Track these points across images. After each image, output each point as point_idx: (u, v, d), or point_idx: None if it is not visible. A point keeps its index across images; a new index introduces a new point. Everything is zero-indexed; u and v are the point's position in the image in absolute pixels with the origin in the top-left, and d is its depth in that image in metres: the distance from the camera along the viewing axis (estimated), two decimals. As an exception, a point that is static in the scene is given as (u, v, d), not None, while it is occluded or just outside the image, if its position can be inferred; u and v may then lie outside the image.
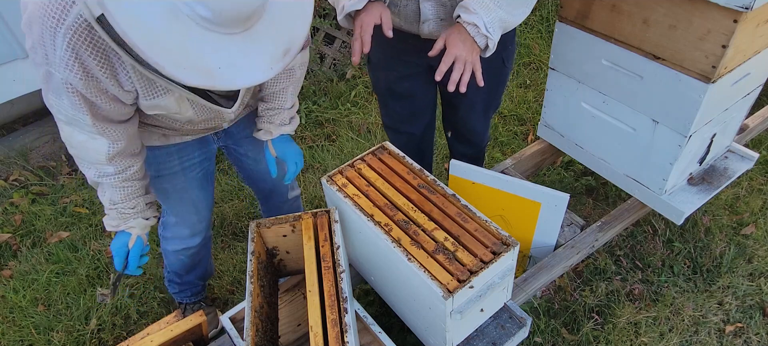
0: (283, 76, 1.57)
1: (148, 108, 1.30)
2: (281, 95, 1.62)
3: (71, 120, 1.24)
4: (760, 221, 2.51)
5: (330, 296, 1.40)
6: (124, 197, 1.44)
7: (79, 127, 1.25)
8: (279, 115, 1.65)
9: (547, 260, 2.01)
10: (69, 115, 1.22)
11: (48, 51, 1.08)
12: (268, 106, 1.64)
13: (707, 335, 2.11)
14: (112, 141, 1.31)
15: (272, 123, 1.66)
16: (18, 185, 3.01)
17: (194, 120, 1.47)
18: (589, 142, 2.19)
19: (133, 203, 1.47)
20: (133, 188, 1.45)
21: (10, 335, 2.26)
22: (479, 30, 1.50)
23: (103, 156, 1.33)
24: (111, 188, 1.41)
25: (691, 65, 1.65)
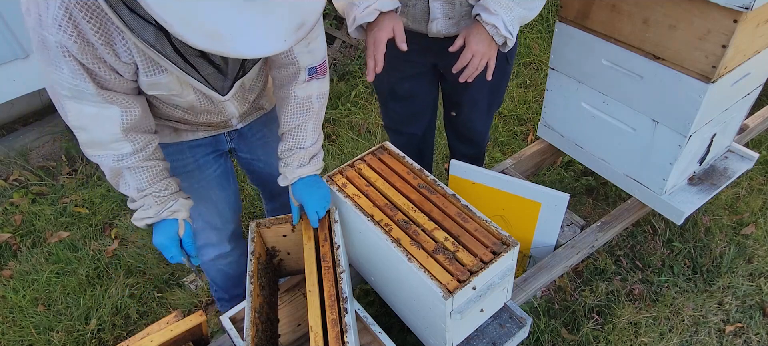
0: (299, 109, 1.46)
1: (148, 86, 1.22)
2: (299, 132, 1.49)
3: (75, 92, 1.13)
4: (760, 221, 2.51)
5: (330, 296, 1.40)
6: (151, 178, 1.32)
7: (85, 99, 1.15)
8: (296, 156, 1.51)
9: (547, 260, 2.01)
10: (71, 85, 1.12)
11: (41, 10, 1.02)
12: (286, 145, 1.52)
13: (707, 335, 2.11)
14: (124, 108, 1.21)
15: (289, 166, 1.53)
16: (18, 185, 3.01)
17: (196, 107, 1.39)
18: (589, 142, 2.19)
19: (165, 184, 1.35)
20: (158, 168, 1.33)
21: (10, 335, 2.26)
22: (499, 31, 1.52)
23: (117, 128, 1.22)
24: (134, 171, 1.30)
25: (691, 65, 1.65)
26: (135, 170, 1.30)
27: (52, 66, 1.09)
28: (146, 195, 1.33)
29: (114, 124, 1.21)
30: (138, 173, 1.30)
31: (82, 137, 1.23)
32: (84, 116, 1.18)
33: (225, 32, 0.95)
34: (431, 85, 2.04)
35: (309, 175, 1.55)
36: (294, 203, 1.57)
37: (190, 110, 1.42)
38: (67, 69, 1.09)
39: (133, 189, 1.32)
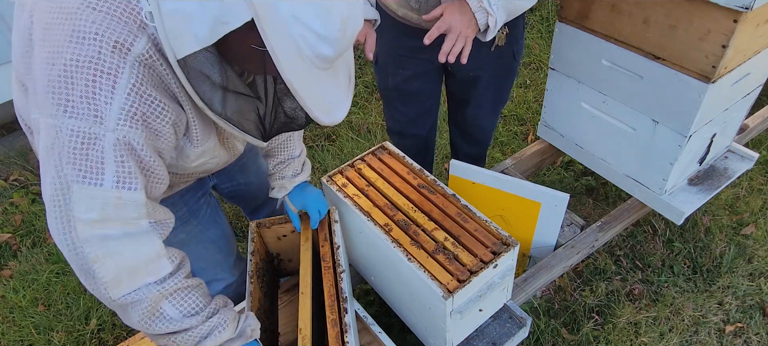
0: None
1: (197, 156, 1.13)
2: (288, 144, 1.53)
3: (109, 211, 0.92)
4: (760, 221, 2.51)
5: (330, 296, 1.40)
6: (204, 295, 1.11)
7: (120, 216, 0.94)
8: (290, 167, 1.56)
9: (547, 260, 2.01)
10: (108, 201, 0.91)
11: (99, 104, 0.84)
12: (277, 159, 1.54)
13: (707, 335, 2.11)
14: (157, 222, 1.02)
15: (285, 177, 1.56)
16: (18, 185, 3.01)
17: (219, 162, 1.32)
18: (589, 142, 2.19)
19: (224, 299, 1.19)
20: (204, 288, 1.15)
21: (10, 335, 2.26)
22: (481, 3, 1.45)
23: (157, 242, 1.01)
24: (181, 294, 1.06)
25: (691, 65, 1.65)
26: (179, 294, 1.06)
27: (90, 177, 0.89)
28: (215, 313, 1.11)
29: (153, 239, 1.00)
30: (184, 295, 1.07)
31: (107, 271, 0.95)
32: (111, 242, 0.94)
33: (331, 105, 1.03)
34: (437, 84, 2.04)
35: (303, 182, 1.60)
36: (293, 210, 1.58)
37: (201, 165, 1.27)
38: (111, 176, 0.90)
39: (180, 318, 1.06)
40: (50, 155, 0.89)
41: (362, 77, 3.71)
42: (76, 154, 0.87)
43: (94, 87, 0.84)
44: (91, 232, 0.92)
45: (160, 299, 1.03)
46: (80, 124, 0.85)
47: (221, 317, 1.12)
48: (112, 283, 0.96)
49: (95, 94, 0.84)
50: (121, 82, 0.86)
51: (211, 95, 0.95)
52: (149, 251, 1.00)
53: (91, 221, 0.91)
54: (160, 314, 1.04)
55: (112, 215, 0.92)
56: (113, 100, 0.85)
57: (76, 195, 0.89)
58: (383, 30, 1.87)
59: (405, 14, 1.75)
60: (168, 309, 1.05)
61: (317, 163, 3.07)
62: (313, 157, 3.10)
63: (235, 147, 1.38)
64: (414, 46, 1.83)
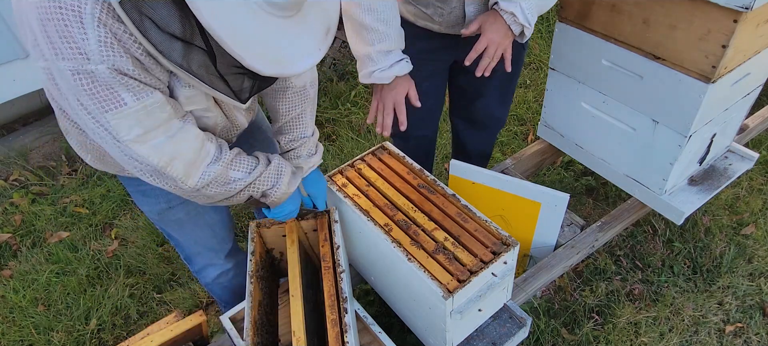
0: (297, 99, 1.46)
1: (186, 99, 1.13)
2: (300, 121, 1.50)
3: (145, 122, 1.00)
4: (760, 221, 2.51)
5: (330, 296, 1.40)
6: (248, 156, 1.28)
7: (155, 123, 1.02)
8: (305, 146, 1.53)
9: (547, 260, 2.01)
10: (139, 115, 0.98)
11: (78, 41, 0.88)
12: (290, 136, 1.51)
13: (707, 335, 2.11)
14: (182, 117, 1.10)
15: (300, 156, 1.52)
16: (18, 185, 3.01)
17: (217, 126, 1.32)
18: (589, 142, 2.19)
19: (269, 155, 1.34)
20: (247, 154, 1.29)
21: (10, 335, 2.26)
22: (516, 19, 1.52)
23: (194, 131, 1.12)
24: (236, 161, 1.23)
25: (691, 65, 1.65)
26: (235, 161, 1.23)
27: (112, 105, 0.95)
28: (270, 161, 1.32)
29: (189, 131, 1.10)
30: (238, 161, 1.25)
31: (178, 172, 1.10)
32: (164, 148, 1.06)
33: (282, 55, 0.97)
34: (444, 83, 2.06)
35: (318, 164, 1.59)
36: (303, 193, 1.58)
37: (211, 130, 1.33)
38: (128, 95, 0.96)
39: (246, 176, 1.26)
40: (70, 96, 0.95)
41: (362, 77, 3.71)
42: (88, 90, 0.93)
43: (65, 27, 0.87)
44: (144, 147, 1.03)
45: (224, 171, 1.20)
46: (73, 64, 0.90)
47: (277, 160, 1.33)
48: (184, 176, 1.12)
49: (71, 34, 0.88)
50: (87, 17, 0.88)
51: (162, 42, 0.92)
52: (195, 141, 1.12)
53: (137, 137, 1.01)
54: (230, 179, 1.23)
55: (150, 124, 1.01)
56: (87, 35, 0.88)
57: (113, 123, 0.97)
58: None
59: (425, 24, 1.77)
60: (234, 174, 1.23)
61: (317, 163, 3.07)
62: (313, 157, 3.10)
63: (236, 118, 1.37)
64: (428, 48, 1.83)
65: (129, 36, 0.93)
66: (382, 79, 1.63)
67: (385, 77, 1.62)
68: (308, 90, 1.48)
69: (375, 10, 1.56)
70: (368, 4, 1.56)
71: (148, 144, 1.03)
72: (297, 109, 1.47)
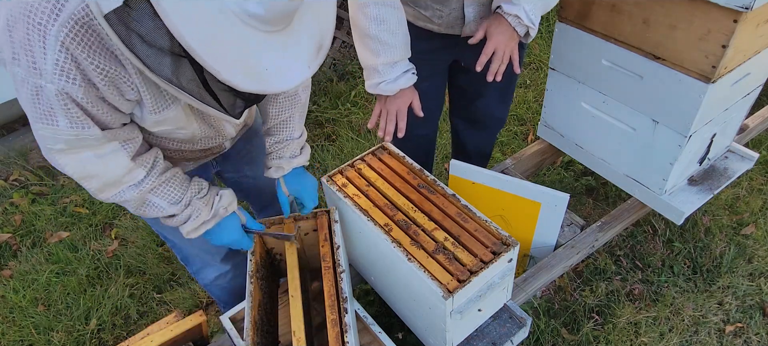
0: (287, 103, 1.46)
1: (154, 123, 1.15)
2: (288, 124, 1.50)
3: (74, 143, 1.03)
4: (760, 221, 2.51)
5: (330, 296, 1.40)
6: (181, 186, 1.24)
7: (85, 146, 1.05)
8: (289, 147, 1.53)
9: (547, 260, 2.01)
10: (68, 137, 1.01)
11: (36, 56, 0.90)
12: (276, 139, 1.51)
13: (707, 335, 2.11)
14: (124, 141, 1.12)
15: (282, 157, 1.53)
16: (18, 185, 3.01)
17: (196, 137, 1.33)
18: (589, 142, 2.19)
19: (198, 185, 1.28)
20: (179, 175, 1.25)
21: (10, 335, 2.26)
22: (521, 20, 1.53)
23: (125, 160, 1.12)
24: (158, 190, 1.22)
25: (691, 65, 1.65)
26: (159, 188, 1.22)
27: (46, 120, 0.98)
28: (189, 203, 1.27)
29: (121, 157, 1.12)
30: (164, 188, 1.23)
31: (91, 185, 1.14)
32: (87, 164, 1.09)
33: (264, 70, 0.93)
34: (444, 82, 2.06)
35: (301, 165, 1.57)
36: (286, 194, 1.56)
37: (188, 141, 1.36)
38: (64, 120, 0.98)
39: (167, 206, 1.25)
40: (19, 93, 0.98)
41: (362, 77, 3.70)
42: (31, 99, 0.96)
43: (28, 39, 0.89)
44: (65, 158, 1.06)
45: (143, 197, 1.20)
46: (25, 73, 0.92)
47: (194, 205, 1.28)
48: (98, 192, 1.16)
49: (31, 47, 0.89)
50: (51, 38, 0.88)
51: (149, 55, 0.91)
52: (121, 167, 1.13)
53: (61, 149, 1.04)
54: (149, 203, 1.23)
55: (76, 144, 1.04)
56: (46, 54, 0.89)
57: (41, 132, 1.01)
58: None
59: (424, 25, 1.77)
60: (154, 199, 1.23)
61: (317, 164, 3.07)
62: (314, 157, 3.10)
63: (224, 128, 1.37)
64: (428, 49, 1.83)
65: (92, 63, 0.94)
66: (388, 92, 1.66)
67: (390, 90, 1.65)
68: (300, 95, 1.49)
69: (382, 21, 1.56)
70: (375, 14, 1.55)
71: (70, 156, 1.06)
72: (286, 112, 1.48)
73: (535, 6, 1.53)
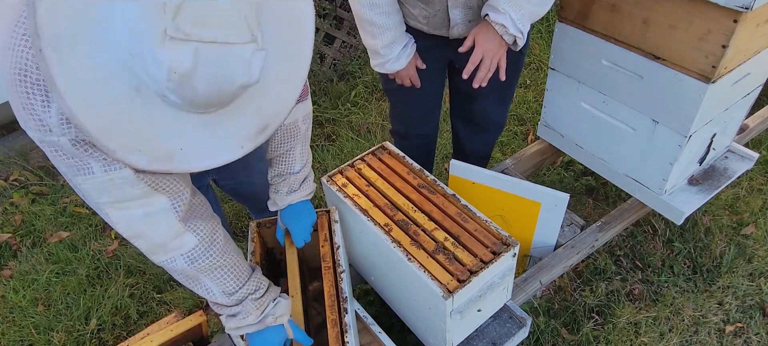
0: (286, 135, 1.39)
1: None
2: (287, 157, 1.43)
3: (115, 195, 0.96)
4: (760, 221, 2.51)
5: (330, 296, 1.40)
6: (237, 278, 1.17)
7: (127, 198, 0.98)
8: (287, 182, 1.46)
9: (547, 260, 2.01)
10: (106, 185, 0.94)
11: (42, 116, 0.84)
12: (276, 171, 1.46)
13: (707, 335, 2.11)
14: (172, 196, 1.03)
15: (279, 193, 1.47)
16: (18, 185, 3.01)
17: None
18: (589, 142, 2.19)
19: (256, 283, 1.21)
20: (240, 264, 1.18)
21: (10, 335, 2.26)
22: (507, 30, 1.54)
23: (173, 218, 1.05)
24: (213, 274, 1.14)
25: (691, 65, 1.65)
26: (214, 272, 1.15)
27: (81, 172, 0.92)
28: (241, 300, 1.19)
29: (168, 216, 1.04)
30: (219, 274, 1.15)
31: (142, 246, 1.07)
32: (134, 221, 1.02)
33: (176, 150, 0.87)
34: (441, 81, 2.06)
35: (299, 201, 1.50)
36: (281, 226, 1.52)
37: None
38: (96, 166, 0.92)
39: (219, 294, 1.17)
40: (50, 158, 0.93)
41: (362, 77, 3.71)
42: (56, 157, 0.90)
43: (28, 100, 0.83)
44: (117, 213, 0.99)
45: (196, 275, 1.13)
46: (38, 134, 0.87)
47: (245, 306, 1.21)
48: (150, 253, 1.08)
49: (33, 106, 0.83)
50: None
51: None
52: (167, 226, 1.05)
53: (109, 203, 0.97)
54: (199, 284, 1.16)
55: (119, 195, 0.97)
56: (50, 109, 0.84)
57: (83, 186, 0.94)
58: None
59: (414, 24, 1.78)
60: (207, 283, 1.16)
61: (317, 164, 3.07)
62: (314, 158, 3.10)
63: None
64: (421, 47, 1.84)
65: None
66: (394, 69, 1.77)
67: (395, 67, 1.77)
68: (299, 126, 1.40)
69: (374, 5, 1.64)
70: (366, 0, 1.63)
71: (121, 212, 1.00)
72: (285, 145, 1.41)
73: (522, 15, 1.52)
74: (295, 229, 1.49)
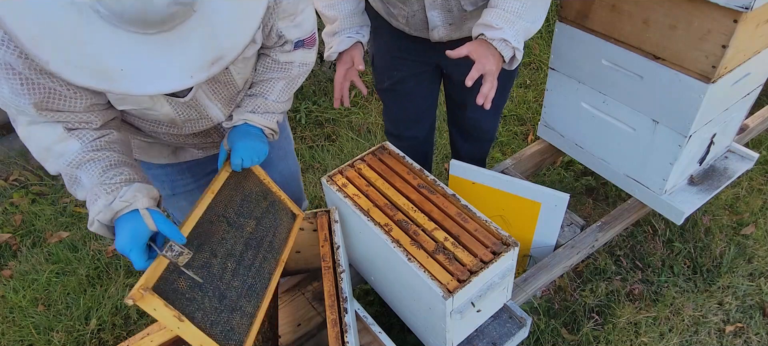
0: (275, 67, 1.38)
1: (116, 101, 1.12)
2: (267, 84, 1.39)
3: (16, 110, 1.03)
4: (760, 221, 2.51)
5: (330, 296, 1.40)
6: (103, 168, 1.09)
7: (25, 114, 1.04)
8: (253, 102, 1.38)
9: (547, 260, 2.01)
10: (9, 103, 1.01)
11: None
12: (248, 93, 1.40)
13: (707, 335, 2.11)
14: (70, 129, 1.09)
15: (239, 108, 1.39)
16: (18, 185, 3.01)
17: (176, 120, 1.28)
18: (589, 142, 2.19)
19: (118, 171, 1.10)
20: (113, 158, 1.12)
21: (10, 335, 2.26)
22: (508, 43, 1.45)
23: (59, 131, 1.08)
24: (85, 167, 1.09)
25: (691, 65, 1.65)
26: (86, 165, 1.09)
27: None
28: (93, 187, 1.08)
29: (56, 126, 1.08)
30: (89, 166, 1.09)
31: (31, 149, 1.10)
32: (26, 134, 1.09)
33: (115, 68, 0.89)
34: (433, 85, 2.04)
35: (255, 124, 1.37)
36: (225, 146, 1.36)
37: (171, 124, 1.31)
38: (7, 87, 0.98)
39: (86, 189, 1.09)
40: None
41: (362, 77, 3.71)
42: None
43: None
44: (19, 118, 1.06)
45: (74, 175, 1.10)
46: None
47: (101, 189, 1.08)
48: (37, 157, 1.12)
49: None
50: None
51: None
52: (53, 135, 1.08)
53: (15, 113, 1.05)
54: (78, 184, 1.11)
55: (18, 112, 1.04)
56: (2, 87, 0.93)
57: None
58: (379, 32, 1.88)
59: (396, 24, 1.77)
60: (82, 178, 1.10)
61: (317, 164, 3.07)
62: (313, 158, 3.10)
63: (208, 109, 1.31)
64: (408, 47, 1.84)
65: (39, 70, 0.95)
66: (331, 58, 1.74)
67: (332, 56, 1.73)
68: (293, 68, 1.40)
69: None
70: None
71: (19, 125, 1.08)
72: (270, 74, 1.38)
73: (517, 31, 1.46)
74: (239, 147, 1.32)
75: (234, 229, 1.31)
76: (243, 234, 1.33)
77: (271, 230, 1.43)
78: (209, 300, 1.16)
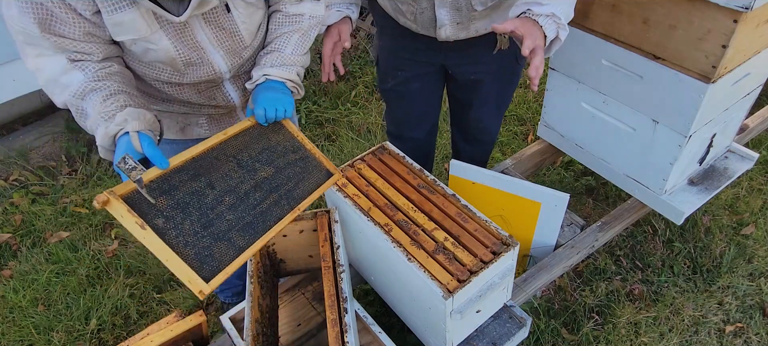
0: (286, 22, 1.42)
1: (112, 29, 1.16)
2: (282, 39, 1.43)
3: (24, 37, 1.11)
4: (760, 221, 2.51)
5: (330, 296, 1.40)
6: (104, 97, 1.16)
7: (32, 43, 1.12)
8: (270, 56, 1.40)
9: (547, 260, 2.01)
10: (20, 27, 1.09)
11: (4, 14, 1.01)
12: (265, 50, 1.43)
13: (707, 335, 2.11)
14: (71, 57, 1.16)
15: (258, 65, 1.41)
16: (18, 185, 3.01)
17: (176, 60, 1.29)
18: (589, 142, 2.19)
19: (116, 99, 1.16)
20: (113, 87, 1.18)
21: (10, 335, 2.26)
22: (556, 19, 1.41)
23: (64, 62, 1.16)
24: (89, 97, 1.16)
25: (691, 65, 1.65)
26: (89, 96, 1.16)
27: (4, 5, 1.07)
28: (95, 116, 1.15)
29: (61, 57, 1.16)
30: (91, 96, 1.16)
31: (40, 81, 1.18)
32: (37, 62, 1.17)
33: None
34: (436, 86, 2.04)
35: (276, 78, 1.38)
36: (250, 106, 1.39)
37: (173, 67, 1.32)
38: (16, 7, 1.06)
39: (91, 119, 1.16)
40: None
41: (362, 77, 3.71)
42: None
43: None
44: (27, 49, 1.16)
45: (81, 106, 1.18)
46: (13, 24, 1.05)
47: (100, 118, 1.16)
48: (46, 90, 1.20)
49: None
50: None
51: None
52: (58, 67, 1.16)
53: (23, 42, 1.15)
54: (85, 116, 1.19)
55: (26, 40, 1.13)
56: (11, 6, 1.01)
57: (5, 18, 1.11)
58: (385, 31, 1.88)
59: (404, 23, 1.77)
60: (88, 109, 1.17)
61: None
62: (313, 157, 3.10)
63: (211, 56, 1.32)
64: (414, 47, 1.83)
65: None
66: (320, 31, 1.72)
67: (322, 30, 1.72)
68: (303, 19, 1.43)
69: None
70: None
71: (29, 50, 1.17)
72: (284, 28, 1.42)
73: (563, 10, 1.42)
74: (261, 99, 1.34)
75: (244, 170, 1.31)
76: (254, 177, 1.32)
77: (293, 180, 1.39)
78: (190, 224, 1.14)
